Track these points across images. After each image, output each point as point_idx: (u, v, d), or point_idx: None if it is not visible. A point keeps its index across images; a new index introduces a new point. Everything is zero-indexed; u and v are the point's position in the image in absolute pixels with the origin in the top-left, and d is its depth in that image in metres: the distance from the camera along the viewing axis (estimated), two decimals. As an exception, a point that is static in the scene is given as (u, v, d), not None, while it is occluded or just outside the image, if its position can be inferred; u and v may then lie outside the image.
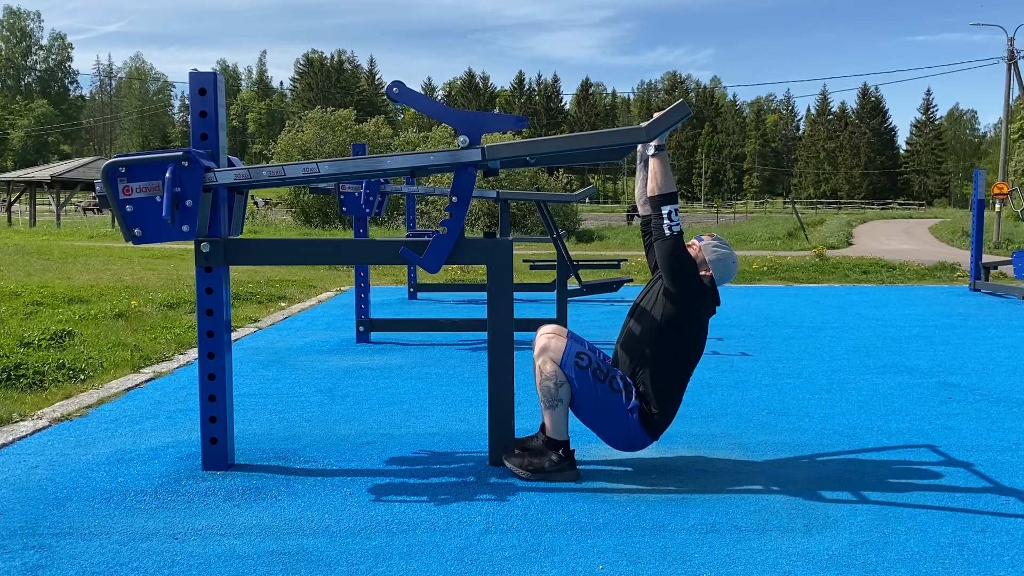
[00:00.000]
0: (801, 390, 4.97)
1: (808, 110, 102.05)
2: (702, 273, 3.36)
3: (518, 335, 3.42)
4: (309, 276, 11.91)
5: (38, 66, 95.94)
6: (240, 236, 3.65)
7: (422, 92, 3.42)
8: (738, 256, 3.56)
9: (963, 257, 16.39)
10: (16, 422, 4.07)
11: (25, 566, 2.50)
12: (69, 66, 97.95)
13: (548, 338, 3.32)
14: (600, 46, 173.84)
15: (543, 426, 3.36)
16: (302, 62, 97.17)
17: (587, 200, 9.60)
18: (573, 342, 3.32)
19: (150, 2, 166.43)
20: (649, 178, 3.32)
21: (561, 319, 6.70)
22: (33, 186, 32.03)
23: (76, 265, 13.34)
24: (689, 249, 3.38)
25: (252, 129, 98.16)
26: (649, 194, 3.31)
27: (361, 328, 6.61)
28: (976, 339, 6.99)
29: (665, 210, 3.21)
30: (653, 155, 3.29)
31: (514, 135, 27.82)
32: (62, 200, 31.25)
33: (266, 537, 2.73)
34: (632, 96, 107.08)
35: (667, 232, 3.21)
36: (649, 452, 3.67)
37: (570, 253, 7.23)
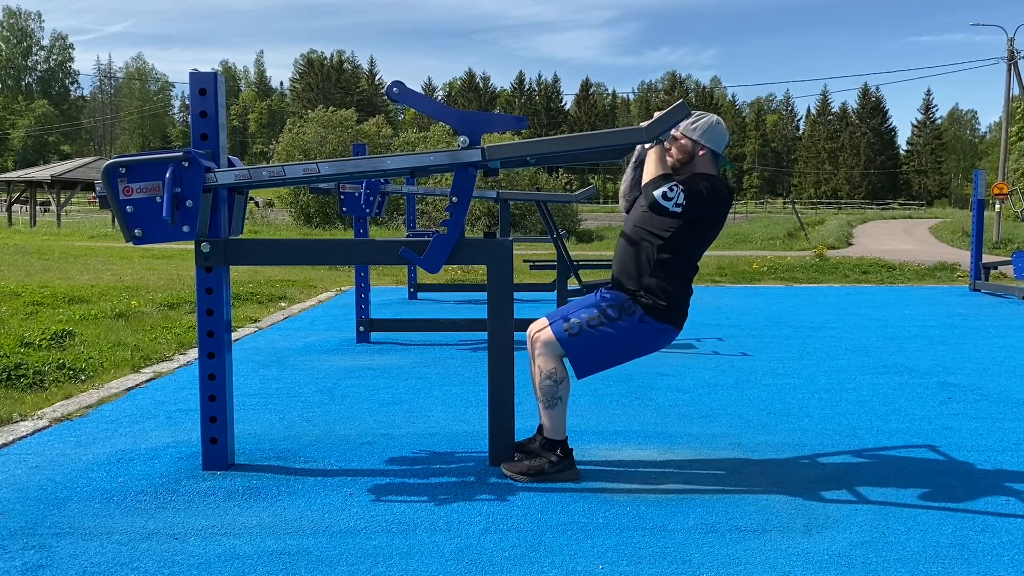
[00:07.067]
0: (801, 390, 4.97)
1: (808, 110, 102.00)
2: (700, 153, 3.33)
3: (518, 335, 3.41)
4: (309, 276, 11.91)
5: (39, 66, 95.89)
6: (240, 236, 3.65)
7: (422, 92, 3.42)
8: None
9: (963, 257, 16.39)
10: (16, 422, 4.08)
11: (25, 566, 2.50)
12: (70, 66, 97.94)
13: (539, 333, 3.32)
14: (604, 46, 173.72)
15: (541, 427, 3.36)
16: (301, 62, 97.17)
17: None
18: (553, 323, 3.31)
19: (155, 2, 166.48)
20: (646, 166, 3.30)
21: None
22: (33, 186, 32.05)
23: (76, 265, 13.34)
24: (678, 150, 3.35)
25: (253, 129, 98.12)
26: (644, 180, 3.26)
27: (361, 328, 6.61)
28: (976, 339, 6.99)
29: (658, 192, 3.15)
30: (654, 146, 3.28)
31: (514, 135, 27.82)
32: (62, 200, 31.27)
33: (266, 537, 2.73)
34: (632, 96, 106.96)
35: (679, 211, 3.16)
36: (649, 452, 3.68)
37: (570, 253, 7.24)
